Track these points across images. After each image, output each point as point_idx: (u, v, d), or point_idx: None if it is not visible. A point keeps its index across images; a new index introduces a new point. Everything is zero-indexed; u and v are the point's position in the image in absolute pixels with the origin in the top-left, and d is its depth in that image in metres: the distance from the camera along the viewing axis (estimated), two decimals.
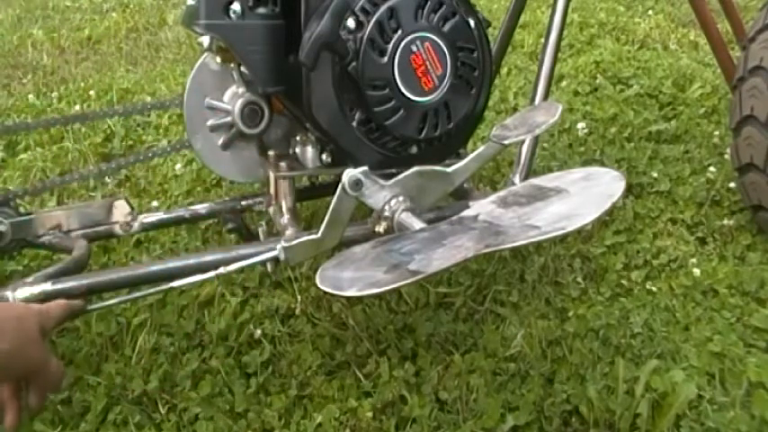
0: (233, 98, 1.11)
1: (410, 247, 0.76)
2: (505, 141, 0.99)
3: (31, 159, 1.81)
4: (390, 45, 0.99)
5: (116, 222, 1.15)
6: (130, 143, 1.92)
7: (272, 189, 1.15)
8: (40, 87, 2.41)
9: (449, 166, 0.98)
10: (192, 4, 1.04)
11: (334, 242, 0.92)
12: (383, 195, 0.92)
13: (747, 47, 1.35)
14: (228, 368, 1.10)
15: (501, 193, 0.92)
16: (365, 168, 0.89)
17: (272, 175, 1.14)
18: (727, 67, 1.62)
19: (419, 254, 0.73)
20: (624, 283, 1.32)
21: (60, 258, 1.14)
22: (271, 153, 1.15)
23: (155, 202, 1.57)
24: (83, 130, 1.95)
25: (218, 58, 1.10)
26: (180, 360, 1.12)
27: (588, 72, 2.27)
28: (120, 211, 1.15)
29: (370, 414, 1.01)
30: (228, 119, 1.11)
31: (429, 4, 1.01)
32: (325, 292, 0.70)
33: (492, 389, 1.05)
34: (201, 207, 1.22)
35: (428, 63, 1.02)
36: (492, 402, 1.02)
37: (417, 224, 0.88)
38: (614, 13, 3.00)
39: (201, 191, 1.64)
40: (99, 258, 1.38)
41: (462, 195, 1.19)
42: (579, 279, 1.32)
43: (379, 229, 0.95)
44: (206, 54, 1.10)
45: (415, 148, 1.08)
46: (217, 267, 0.89)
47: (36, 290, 0.88)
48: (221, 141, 1.13)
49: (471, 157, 0.99)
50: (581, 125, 1.89)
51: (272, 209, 1.16)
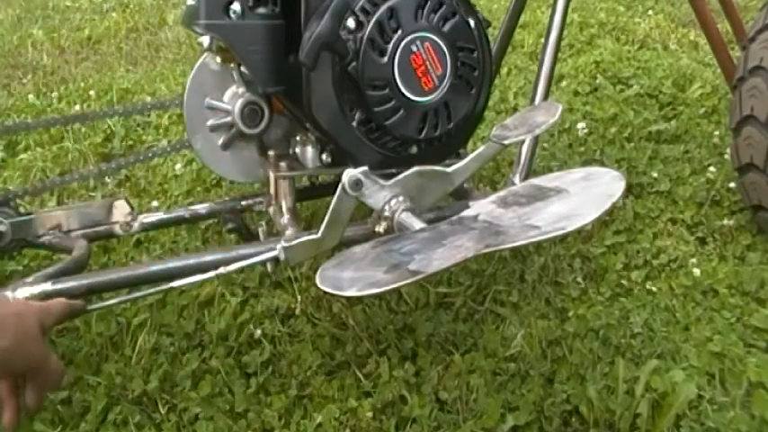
0: (233, 98, 1.11)
1: (410, 247, 0.76)
2: (505, 141, 0.99)
3: (31, 159, 1.81)
4: (390, 45, 0.99)
5: (116, 222, 1.15)
6: (130, 143, 1.92)
7: (272, 189, 1.15)
8: (40, 87, 2.41)
9: (449, 166, 0.98)
10: (192, 4, 1.04)
11: (334, 242, 0.92)
12: (383, 195, 0.92)
13: (747, 47, 1.35)
14: (228, 368, 1.10)
15: (501, 193, 0.92)
16: (365, 168, 0.89)
17: (272, 175, 1.14)
18: (727, 67, 1.61)
19: (419, 254, 0.73)
20: (624, 283, 1.32)
21: (60, 258, 1.14)
22: (271, 153, 1.15)
23: (155, 202, 1.57)
24: (83, 130, 1.95)
25: (218, 58, 1.10)
26: (180, 360, 1.12)
27: (588, 72, 2.27)
28: (120, 211, 1.15)
29: (370, 414, 1.01)
30: (228, 119, 1.11)
31: (429, 4, 1.01)
32: (325, 292, 0.70)
33: (492, 389, 1.05)
34: (201, 207, 1.22)
35: (428, 63, 1.02)
36: (492, 402, 1.02)
37: (417, 224, 0.88)
38: (614, 13, 3.00)
39: (201, 191, 1.64)
40: (99, 258, 1.38)
41: (462, 195, 1.19)
42: (579, 279, 1.32)
43: (379, 229, 0.95)
44: (206, 54, 1.10)
45: (415, 148, 1.08)
46: (217, 267, 0.89)
47: (36, 290, 0.88)
48: (221, 141, 1.13)
49: (471, 157, 0.99)
50: (581, 125, 1.89)
51: (272, 209, 1.16)
